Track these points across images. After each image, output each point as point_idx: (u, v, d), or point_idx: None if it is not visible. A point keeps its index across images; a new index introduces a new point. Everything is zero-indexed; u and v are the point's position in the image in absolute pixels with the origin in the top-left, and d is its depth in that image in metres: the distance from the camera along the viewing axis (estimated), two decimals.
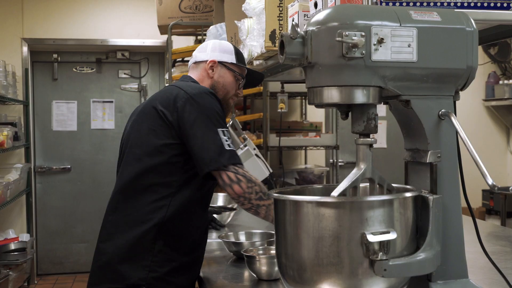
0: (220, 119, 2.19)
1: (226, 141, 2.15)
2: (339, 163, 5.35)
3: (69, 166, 6.50)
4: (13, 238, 5.70)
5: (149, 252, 2.14)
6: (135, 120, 2.30)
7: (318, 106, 1.43)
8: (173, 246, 2.18)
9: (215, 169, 2.11)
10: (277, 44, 1.41)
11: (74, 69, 6.46)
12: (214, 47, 2.45)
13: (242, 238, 2.55)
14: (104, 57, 6.50)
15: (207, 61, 2.41)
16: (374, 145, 1.42)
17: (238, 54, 2.47)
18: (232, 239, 2.51)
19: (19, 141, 5.70)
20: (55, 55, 6.40)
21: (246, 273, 2.15)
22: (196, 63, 2.46)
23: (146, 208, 2.16)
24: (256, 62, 2.73)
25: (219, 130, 2.15)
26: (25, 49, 6.11)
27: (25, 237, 5.84)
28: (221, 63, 2.41)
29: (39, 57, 6.39)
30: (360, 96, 1.34)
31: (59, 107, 6.43)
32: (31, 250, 5.76)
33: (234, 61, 2.43)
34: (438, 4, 1.51)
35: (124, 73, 6.61)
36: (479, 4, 1.54)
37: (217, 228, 3.06)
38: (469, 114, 6.45)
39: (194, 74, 2.44)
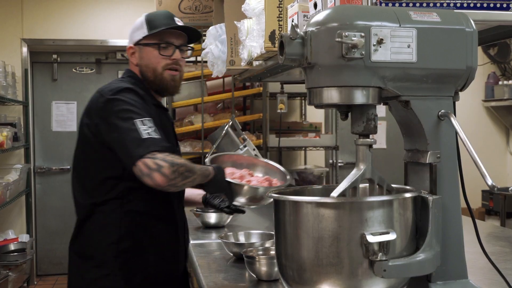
0: (135, 109, 2.03)
1: (145, 130, 1.98)
2: (339, 164, 5.35)
3: (69, 167, 6.49)
4: (12, 238, 5.70)
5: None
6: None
7: (318, 106, 1.43)
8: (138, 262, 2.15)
9: (134, 164, 1.95)
10: (276, 45, 1.42)
11: (73, 70, 6.46)
12: (131, 31, 2.28)
13: (242, 238, 2.55)
14: (104, 57, 6.50)
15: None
16: (374, 146, 1.42)
17: (151, 21, 2.23)
18: (232, 240, 2.51)
19: (19, 141, 5.70)
20: (54, 56, 6.40)
21: (246, 274, 2.15)
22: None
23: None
24: (255, 63, 2.73)
25: (136, 121, 1.99)
26: (24, 49, 6.11)
27: (25, 237, 5.84)
28: (137, 44, 2.24)
29: (39, 57, 6.39)
30: (359, 97, 1.34)
31: (59, 107, 6.42)
32: (30, 250, 5.76)
33: (146, 33, 2.20)
34: (438, 4, 1.52)
35: None
36: (478, 5, 1.54)
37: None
38: (469, 115, 6.45)
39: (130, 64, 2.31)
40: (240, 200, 2.21)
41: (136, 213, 2.14)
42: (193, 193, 2.47)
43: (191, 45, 2.36)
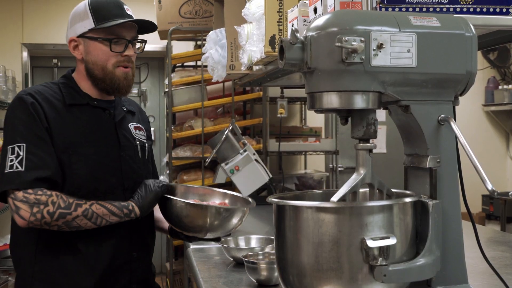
0: (15, 132, 1.87)
1: (12, 160, 1.82)
2: (339, 168, 5.35)
3: None
4: None
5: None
6: None
7: (318, 111, 1.43)
8: None
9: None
10: (276, 50, 1.42)
11: None
12: (71, 19, 2.02)
13: (242, 243, 2.55)
14: None
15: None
16: (374, 150, 1.42)
17: (97, 10, 1.96)
18: (232, 245, 2.51)
19: None
20: (55, 60, 6.40)
21: (246, 279, 2.15)
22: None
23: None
24: (256, 67, 2.73)
25: (9, 147, 1.85)
26: (25, 54, 6.12)
27: None
28: (81, 36, 1.98)
29: (39, 62, 6.40)
30: (359, 101, 1.34)
31: None
32: None
33: (93, 26, 1.95)
34: (438, 9, 1.52)
35: None
36: (478, 10, 1.54)
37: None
38: (469, 119, 6.45)
39: (76, 64, 2.08)
40: (198, 234, 2.06)
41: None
42: (159, 217, 2.23)
43: (142, 36, 2.11)
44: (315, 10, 1.74)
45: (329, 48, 1.31)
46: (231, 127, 3.35)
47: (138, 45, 2.05)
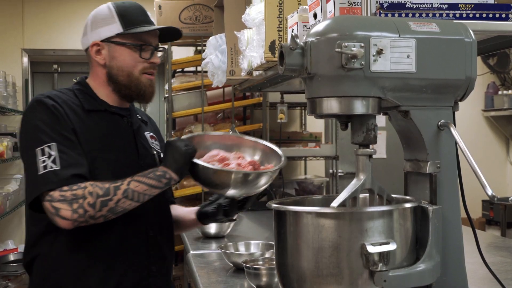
0: (41, 133, 1.79)
1: (44, 161, 1.74)
2: (339, 174, 5.34)
3: None
4: (12, 249, 5.69)
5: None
6: None
7: (318, 116, 1.43)
8: None
9: (35, 202, 1.77)
10: (276, 55, 1.42)
11: (74, 80, 6.47)
12: (92, 23, 1.94)
13: (242, 249, 2.55)
14: None
15: (89, 46, 1.94)
16: (374, 156, 1.42)
17: (124, 15, 1.91)
18: (232, 250, 2.51)
19: (19, 151, 5.70)
20: (55, 66, 6.41)
21: (246, 284, 2.15)
22: (87, 54, 1.99)
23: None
24: (255, 73, 2.74)
25: (38, 150, 1.76)
26: (25, 59, 6.13)
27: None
28: (106, 41, 1.91)
29: (39, 67, 6.40)
30: (359, 107, 1.34)
31: None
32: None
33: (121, 30, 1.89)
34: (437, 15, 1.52)
35: None
36: (477, 15, 1.55)
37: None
38: (469, 125, 6.45)
39: (90, 69, 2.02)
40: (228, 192, 1.89)
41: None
42: (183, 213, 2.18)
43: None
44: (315, 16, 1.74)
45: (329, 54, 1.31)
46: (231, 132, 3.35)
47: (159, 53, 2.02)
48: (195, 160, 1.85)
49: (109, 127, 1.94)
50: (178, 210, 2.19)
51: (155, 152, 2.04)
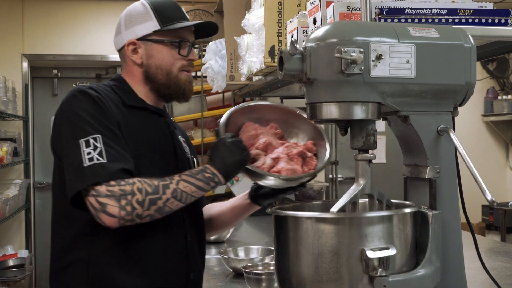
0: (85, 124, 1.65)
1: (89, 153, 1.60)
2: (339, 179, 5.35)
3: None
4: (11, 254, 5.68)
5: None
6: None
7: (317, 121, 1.43)
8: None
9: (76, 197, 1.61)
10: (276, 60, 1.42)
11: (74, 85, 6.48)
12: (126, 21, 1.85)
13: (242, 254, 2.54)
14: (104, 72, 6.51)
15: (124, 46, 1.85)
16: (374, 161, 1.42)
17: (160, 11, 1.82)
18: (231, 255, 2.50)
19: (19, 156, 5.70)
20: (55, 71, 6.42)
21: None
22: (120, 54, 1.89)
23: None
24: (255, 78, 2.74)
25: (81, 141, 1.62)
26: (25, 64, 6.13)
27: (24, 253, 5.82)
28: (142, 39, 1.82)
29: (39, 72, 6.41)
30: (359, 112, 1.34)
31: None
32: (29, 266, 5.73)
33: (158, 27, 1.80)
34: (436, 20, 1.52)
35: None
36: (477, 21, 1.55)
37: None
38: (468, 130, 6.46)
39: (124, 68, 1.90)
40: (276, 186, 1.74)
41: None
42: (226, 206, 2.03)
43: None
44: (314, 21, 1.74)
45: (328, 59, 1.32)
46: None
47: (196, 49, 1.92)
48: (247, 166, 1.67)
49: (150, 126, 1.83)
50: (217, 207, 2.05)
51: (189, 156, 1.94)
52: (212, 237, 3.09)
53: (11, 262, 5.54)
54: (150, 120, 1.84)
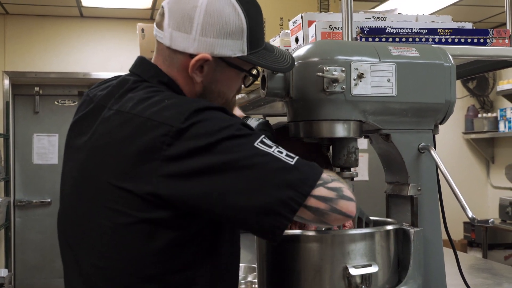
0: (236, 129, 1.23)
1: (281, 152, 1.22)
2: None
3: (50, 200, 6.42)
4: None
5: None
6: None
7: (300, 140, 1.44)
8: None
9: (294, 210, 1.20)
10: (259, 79, 1.42)
11: (55, 102, 6.44)
12: (205, 23, 1.31)
13: None
14: (87, 90, 6.49)
15: (192, 55, 1.34)
16: (356, 178, 1.43)
17: (254, 30, 1.35)
18: None
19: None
20: (36, 88, 6.37)
21: None
22: (171, 49, 1.36)
23: None
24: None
25: (257, 144, 1.22)
26: (6, 82, 6.09)
27: (3, 272, 5.74)
28: (220, 59, 1.34)
29: (21, 90, 6.36)
30: (340, 130, 1.35)
31: (40, 140, 6.38)
32: (9, 286, 5.65)
33: (245, 52, 1.34)
34: (417, 40, 1.54)
35: None
36: (456, 40, 1.57)
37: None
38: (449, 147, 6.51)
39: (166, 65, 1.39)
40: None
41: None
42: None
43: None
44: (296, 40, 1.76)
45: (310, 78, 1.33)
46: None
47: None
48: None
49: None
50: None
51: None
52: None
53: None
54: None
